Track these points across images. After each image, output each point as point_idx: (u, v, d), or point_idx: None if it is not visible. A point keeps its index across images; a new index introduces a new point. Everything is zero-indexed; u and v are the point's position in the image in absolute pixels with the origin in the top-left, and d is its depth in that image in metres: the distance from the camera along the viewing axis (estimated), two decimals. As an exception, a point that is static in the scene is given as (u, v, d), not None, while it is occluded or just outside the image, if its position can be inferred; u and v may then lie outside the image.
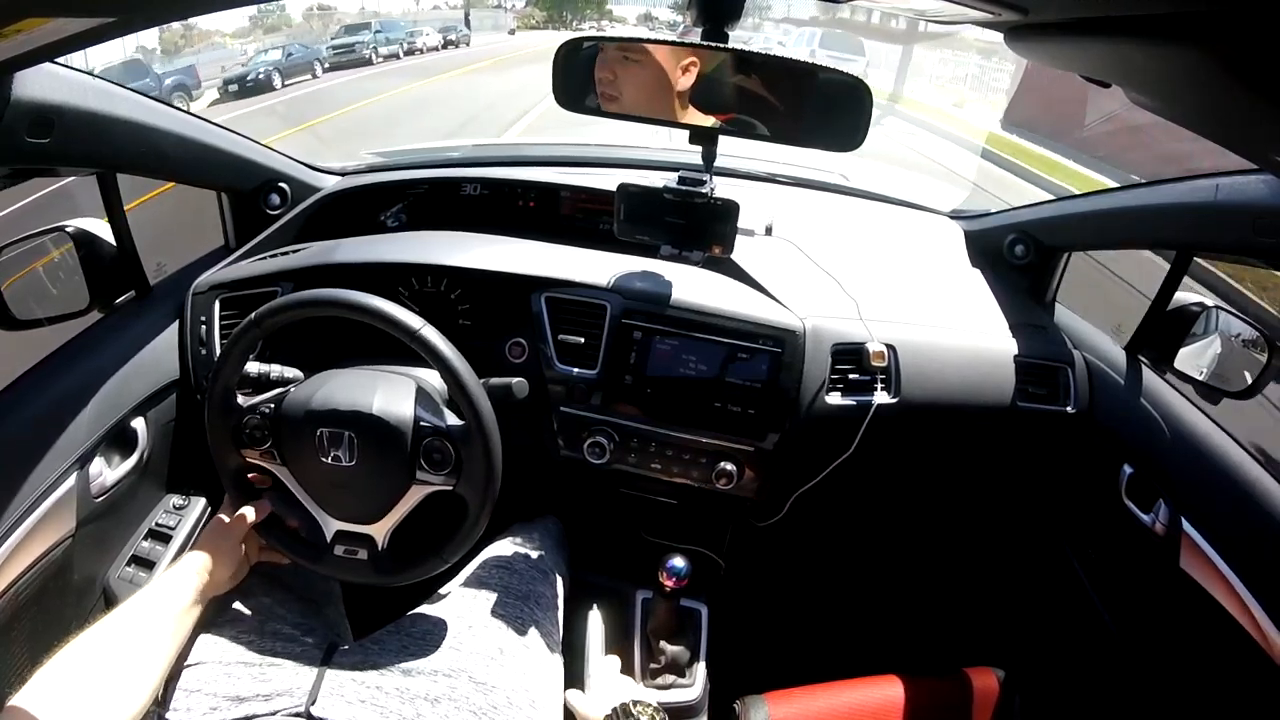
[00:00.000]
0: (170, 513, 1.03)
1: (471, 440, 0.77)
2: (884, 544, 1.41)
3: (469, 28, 17.99)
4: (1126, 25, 0.38)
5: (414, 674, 0.75)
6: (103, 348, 0.96)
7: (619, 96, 0.86)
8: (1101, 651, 1.06)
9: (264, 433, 0.80)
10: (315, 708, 0.69)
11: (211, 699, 0.70)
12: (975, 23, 0.61)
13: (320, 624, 0.86)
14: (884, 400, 1.00)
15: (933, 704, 0.91)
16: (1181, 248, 1.00)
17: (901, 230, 1.34)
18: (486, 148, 1.95)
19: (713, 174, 0.93)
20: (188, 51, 12.79)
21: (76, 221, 0.99)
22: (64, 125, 0.77)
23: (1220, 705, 0.88)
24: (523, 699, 0.76)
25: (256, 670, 0.73)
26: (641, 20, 27.80)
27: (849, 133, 0.82)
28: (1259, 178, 0.80)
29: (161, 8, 0.62)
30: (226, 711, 0.69)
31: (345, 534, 0.81)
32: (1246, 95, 0.34)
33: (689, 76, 0.84)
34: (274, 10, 15.30)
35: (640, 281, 1.03)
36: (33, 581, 0.82)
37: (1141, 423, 0.99)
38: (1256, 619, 0.79)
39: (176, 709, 0.69)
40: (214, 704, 0.70)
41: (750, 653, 1.15)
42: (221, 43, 13.88)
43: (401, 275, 1.05)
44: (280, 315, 0.77)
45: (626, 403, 1.01)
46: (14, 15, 0.41)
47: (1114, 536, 1.04)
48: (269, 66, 10.99)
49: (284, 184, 1.23)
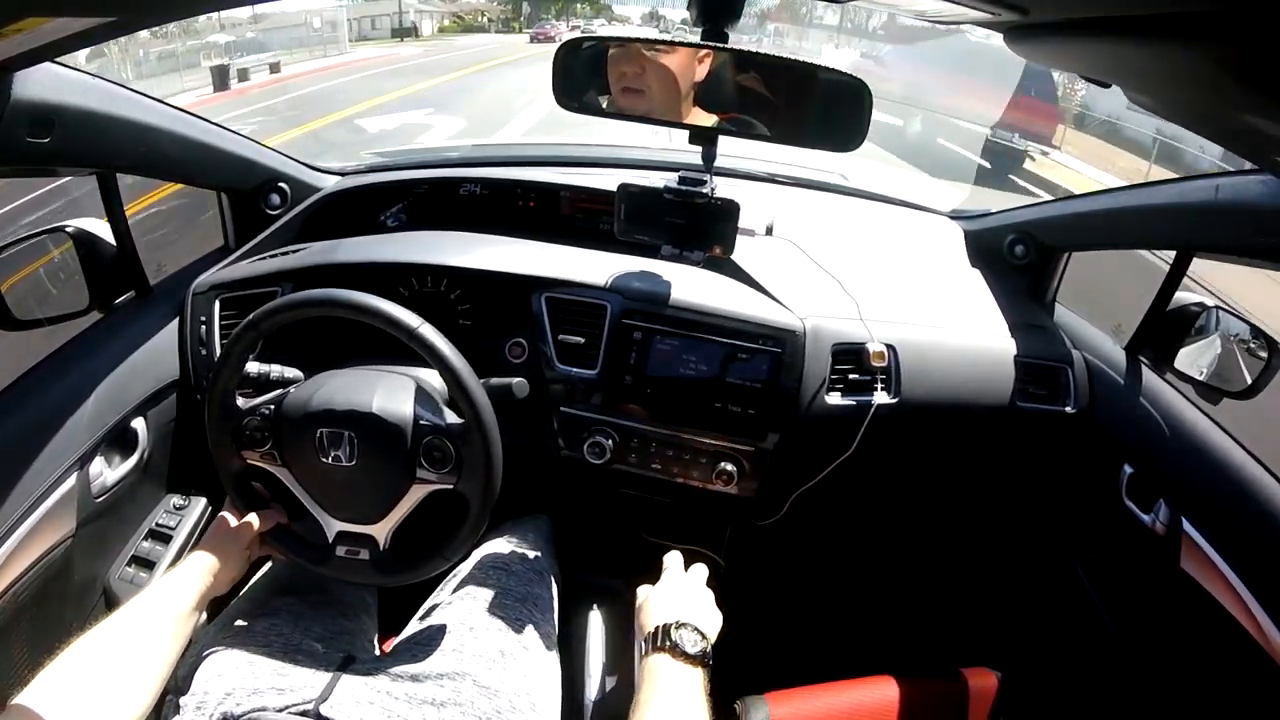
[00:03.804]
0: (171, 513, 1.03)
1: (471, 438, 0.77)
2: (884, 544, 1.41)
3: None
4: (1126, 25, 0.38)
5: (420, 678, 0.75)
6: (103, 348, 0.96)
7: (645, 91, 0.86)
8: (1102, 651, 1.06)
9: (264, 433, 0.80)
10: (325, 707, 0.70)
11: (229, 684, 0.71)
12: (975, 23, 0.61)
13: (348, 632, 0.86)
14: (884, 400, 1.00)
15: (933, 704, 0.91)
16: (1181, 248, 1.00)
17: (901, 230, 1.34)
18: (486, 148, 1.95)
19: (713, 174, 0.93)
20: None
21: (76, 221, 0.99)
22: (64, 125, 0.77)
23: (1220, 705, 0.88)
24: (524, 702, 0.76)
25: (277, 665, 0.74)
26: (647, 19, 27.75)
27: (849, 133, 0.82)
28: (1259, 178, 0.80)
29: (161, 8, 0.62)
30: (241, 698, 0.70)
31: (347, 535, 0.81)
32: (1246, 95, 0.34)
33: (703, 69, 0.84)
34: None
35: (640, 281, 1.03)
36: (33, 582, 0.82)
37: (1142, 423, 0.99)
38: (1257, 619, 0.79)
39: (195, 693, 0.70)
40: (229, 690, 0.70)
41: (750, 653, 1.15)
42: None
43: (401, 275, 1.05)
44: (280, 315, 0.77)
45: (627, 403, 1.01)
46: (14, 15, 0.41)
47: (1114, 536, 1.04)
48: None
49: (284, 184, 1.23)
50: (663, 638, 0.69)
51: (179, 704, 0.70)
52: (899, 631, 1.34)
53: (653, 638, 0.70)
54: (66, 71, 0.77)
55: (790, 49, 16.96)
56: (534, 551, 0.99)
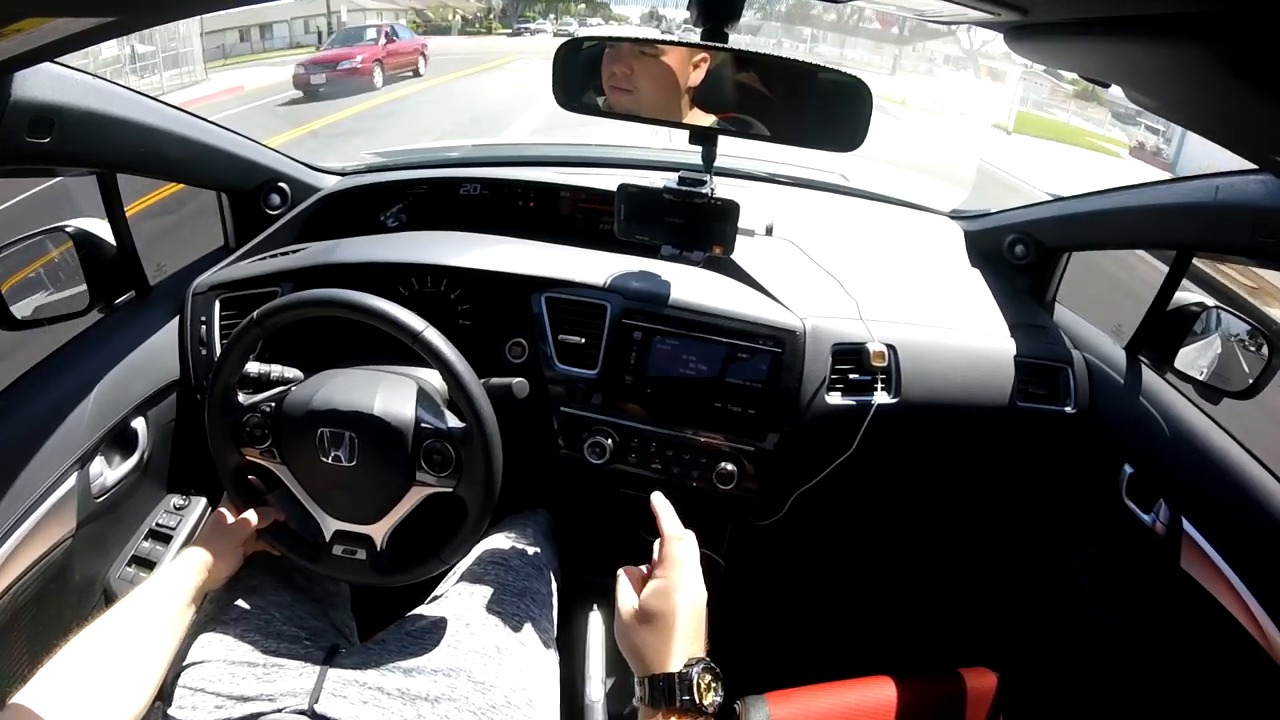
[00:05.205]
0: (171, 513, 1.03)
1: (472, 442, 0.77)
2: (884, 544, 1.41)
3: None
4: (1127, 25, 0.38)
5: (414, 673, 0.75)
6: (103, 348, 0.96)
7: (634, 91, 0.86)
8: (1101, 652, 1.06)
9: (264, 431, 0.80)
10: (319, 705, 0.69)
11: (216, 698, 0.70)
12: (975, 23, 0.61)
13: (327, 626, 0.86)
14: (884, 400, 1.00)
15: (934, 704, 0.91)
16: (1181, 248, 1.00)
17: (901, 230, 1.34)
18: (486, 148, 1.95)
19: (713, 174, 0.93)
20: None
21: (76, 221, 0.99)
22: (64, 125, 0.77)
23: (1221, 705, 0.88)
24: (520, 698, 0.76)
25: (260, 670, 0.73)
26: (646, 19, 26.72)
27: (849, 133, 0.82)
28: (1259, 178, 0.80)
29: (161, 8, 0.62)
30: (231, 710, 0.69)
31: (344, 534, 0.81)
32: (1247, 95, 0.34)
33: (699, 72, 0.84)
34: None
35: (640, 281, 1.03)
36: (33, 582, 0.82)
37: (1142, 422, 0.99)
38: (1257, 619, 0.79)
39: (182, 706, 0.70)
40: (219, 702, 0.70)
41: (750, 653, 1.15)
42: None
43: (401, 275, 1.05)
44: (281, 315, 0.77)
45: (627, 403, 1.01)
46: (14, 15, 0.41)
47: (1114, 536, 1.04)
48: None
49: (284, 184, 1.23)
50: (681, 690, 0.54)
51: (166, 714, 0.70)
52: (899, 631, 1.34)
53: (665, 690, 0.54)
54: (66, 71, 0.77)
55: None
56: (533, 547, 0.99)
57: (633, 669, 0.59)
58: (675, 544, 0.63)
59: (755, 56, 0.83)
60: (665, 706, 0.54)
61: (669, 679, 0.55)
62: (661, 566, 0.62)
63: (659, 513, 0.66)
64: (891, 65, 15.37)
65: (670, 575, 0.61)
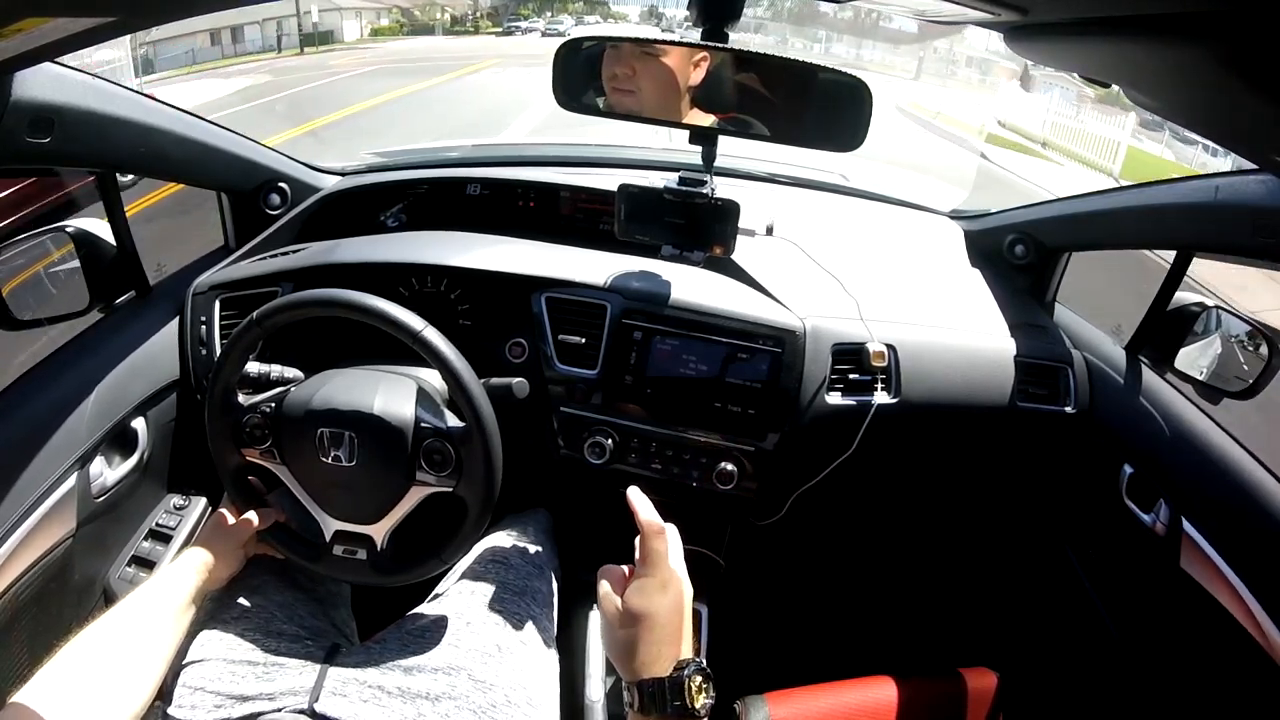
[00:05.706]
0: (171, 513, 1.03)
1: (472, 442, 0.77)
2: (884, 544, 1.41)
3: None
4: (1126, 25, 0.38)
5: (414, 672, 0.75)
6: (103, 348, 0.96)
7: (635, 92, 0.86)
8: (1101, 652, 1.06)
9: (264, 431, 0.80)
10: (319, 704, 0.69)
11: (216, 697, 0.70)
12: (975, 23, 0.61)
13: (327, 625, 0.86)
14: (884, 400, 1.00)
15: (934, 704, 0.91)
16: (1181, 248, 1.00)
17: (901, 230, 1.34)
18: (486, 148, 1.95)
19: (713, 174, 0.93)
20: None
21: (76, 221, 0.99)
22: (64, 125, 0.77)
23: (1220, 705, 0.88)
24: (520, 697, 0.76)
25: (260, 669, 0.73)
26: (646, 17, 26.13)
27: (849, 133, 0.82)
28: (1259, 178, 0.80)
29: (161, 8, 0.62)
30: (231, 709, 0.69)
31: (344, 534, 0.81)
32: (1247, 95, 0.34)
33: (699, 72, 0.84)
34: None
35: (640, 281, 1.03)
36: (33, 581, 0.82)
37: (1142, 423, 0.99)
38: (1257, 619, 0.79)
39: (181, 705, 0.70)
40: (219, 701, 0.70)
41: (750, 653, 1.15)
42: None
43: (401, 275, 1.05)
44: (281, 315, 0.77)
45: (627, 403, 1.01)
46: (14, 15, 0.41)
47: (1114, 536, 1.04)
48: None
49: (284, 184, 1.23)
50: (672, 695, 0.52)
51: (166, 713, 0.70)
52: (899, 631, 1.34)
53: (655, 696, 0.52)
54: (66, 71, 0.77)
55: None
56: (534, 546, 0.99)
57: (620, 673, 0.56)
58: (655, 539, 0.60)
59: (755, 56, 0.83)
60: (657, 713, 0.52)
61: (658, 684, 0.53)
62: (643, 564, 0.59)
63: (635, 507, 0.62)
64: (915, 69, 14.93)
65: (652, 573, 0.58)
